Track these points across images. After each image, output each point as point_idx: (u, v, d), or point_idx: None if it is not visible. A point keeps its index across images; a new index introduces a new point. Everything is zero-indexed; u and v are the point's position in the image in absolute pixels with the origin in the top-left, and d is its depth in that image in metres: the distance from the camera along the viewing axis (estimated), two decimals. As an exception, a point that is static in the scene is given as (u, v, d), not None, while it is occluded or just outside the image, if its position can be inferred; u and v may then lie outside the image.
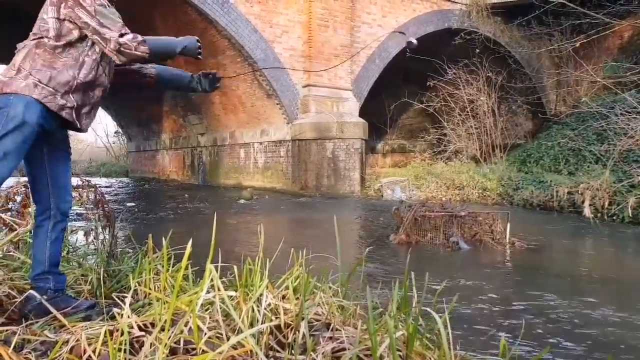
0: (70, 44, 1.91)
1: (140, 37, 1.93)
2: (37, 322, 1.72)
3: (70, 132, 2.11)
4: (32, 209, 2.96)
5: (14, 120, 1.74)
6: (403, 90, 16.62)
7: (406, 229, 5.74)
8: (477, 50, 13.66)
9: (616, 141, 10.10)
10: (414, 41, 3.89)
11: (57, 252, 1.97)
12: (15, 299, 1.90)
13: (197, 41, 2.11)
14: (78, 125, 1.95)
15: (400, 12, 13.90)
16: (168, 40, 2.09)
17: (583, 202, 8.87)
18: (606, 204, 8.58)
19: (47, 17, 1.88)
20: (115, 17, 1.93)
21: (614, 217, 8.35)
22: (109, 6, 1.95)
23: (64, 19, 1.88)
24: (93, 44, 1.94)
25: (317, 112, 12.32)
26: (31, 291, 1.84)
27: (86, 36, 1.92)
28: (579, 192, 9.10)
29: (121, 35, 1.90)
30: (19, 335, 1.56)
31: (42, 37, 1.87)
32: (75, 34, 1.90)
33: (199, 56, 2.11)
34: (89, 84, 1.95)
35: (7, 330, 1.58)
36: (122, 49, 1.89)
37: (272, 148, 13.64)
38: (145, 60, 1.98)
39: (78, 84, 1.92)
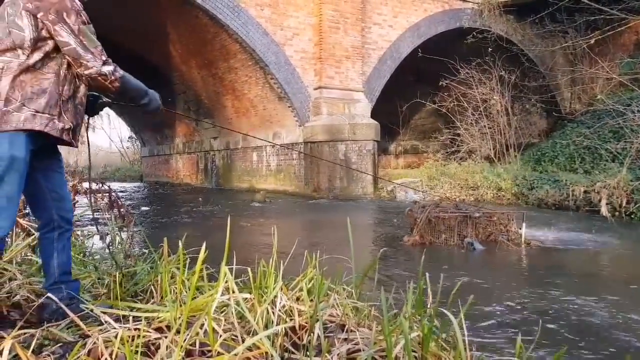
0: (47, 56, 1.74)
1: (119, 73, 1.83)
2: (55, 325, 1.74)
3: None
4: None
5: (3, 161, 1.63)
6: (415, 90, 16.53)
7: (420, 230, 5.70)
8: (490, 49, 13.52)
9: (633, 139, 9.93)
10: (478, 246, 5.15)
11: (67, 261, 1.95)
12: (34, 303, 1.92)
13: (159, 108, 2.09)
14: (74, 144, 1.87)
15: (411, 12, 13.85)
16: (139, 87, 1.97)
17: (600, 201, 8.73)
18: (624, 202, 8.44)
19: (22, 24, 1.68)
20: (95, 38, 1.79)
21: (632, 216, 8.21)
22: (89, 23, 1.79)
23: (42, 28, 1.70)
24: None
25: (328, 114, 12.32)
26: (49, 294, 1.85)
27: None
28: (596, 191, 8.96)
29: (104, 64, 1.78)
30: (38, 338, 1.58)
31: (15, 49, 1.69)
32: (51, 44, 1.74)
33: (151, 111, 2.08)
34: (73, 98, 1.83)
35: (26, 333, 1.60)
36: (99, 78, 1.78)
37: (284, 151, 13.67)
38: (106, 92, 1.89)
39: (64, 101, 1.79)
